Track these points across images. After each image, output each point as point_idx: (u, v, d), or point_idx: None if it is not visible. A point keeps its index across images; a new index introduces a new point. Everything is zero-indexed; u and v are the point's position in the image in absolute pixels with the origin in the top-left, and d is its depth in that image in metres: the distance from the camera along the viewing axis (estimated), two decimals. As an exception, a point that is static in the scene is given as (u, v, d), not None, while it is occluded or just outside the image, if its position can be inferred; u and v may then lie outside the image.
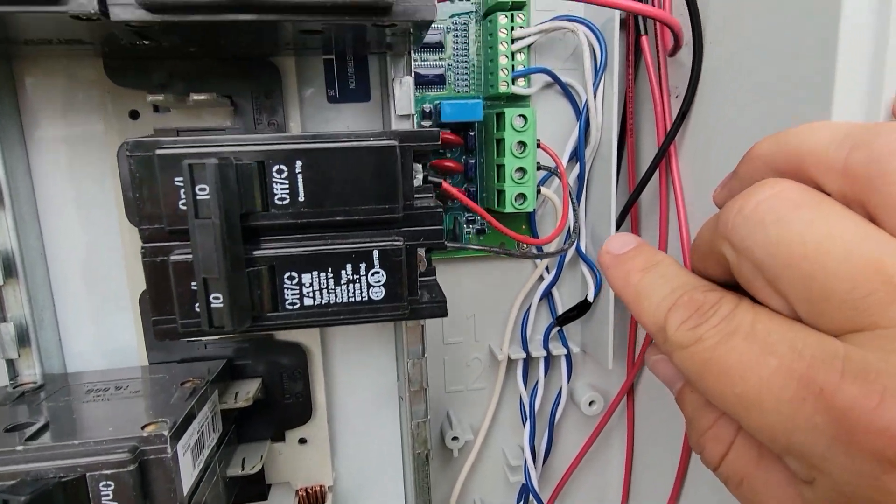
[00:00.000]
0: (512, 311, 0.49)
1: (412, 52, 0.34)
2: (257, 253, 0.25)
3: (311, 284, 0.25)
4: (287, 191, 0.25)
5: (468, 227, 0.46)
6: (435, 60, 0.44)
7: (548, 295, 0.49)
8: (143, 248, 0.25)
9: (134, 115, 0.36)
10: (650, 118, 0.43)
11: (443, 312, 0.28)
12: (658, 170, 0.42)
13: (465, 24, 0.44)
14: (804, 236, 0.17)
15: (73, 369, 0.38)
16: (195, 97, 0.32)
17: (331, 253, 0.25)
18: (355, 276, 0.26)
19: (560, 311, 0.49)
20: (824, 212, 0.18)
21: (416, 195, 0.27)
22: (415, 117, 0.36)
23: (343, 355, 0.45)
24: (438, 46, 0.43)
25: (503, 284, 0.49)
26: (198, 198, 0.22)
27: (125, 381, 0.33)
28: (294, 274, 0.25)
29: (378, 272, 0.26)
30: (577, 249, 0.47)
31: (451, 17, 0.43)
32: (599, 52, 0.43)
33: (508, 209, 0.42)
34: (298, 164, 0.25)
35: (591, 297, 0.46)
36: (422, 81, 0.43)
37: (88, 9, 0.22)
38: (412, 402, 0.37)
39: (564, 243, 0.43)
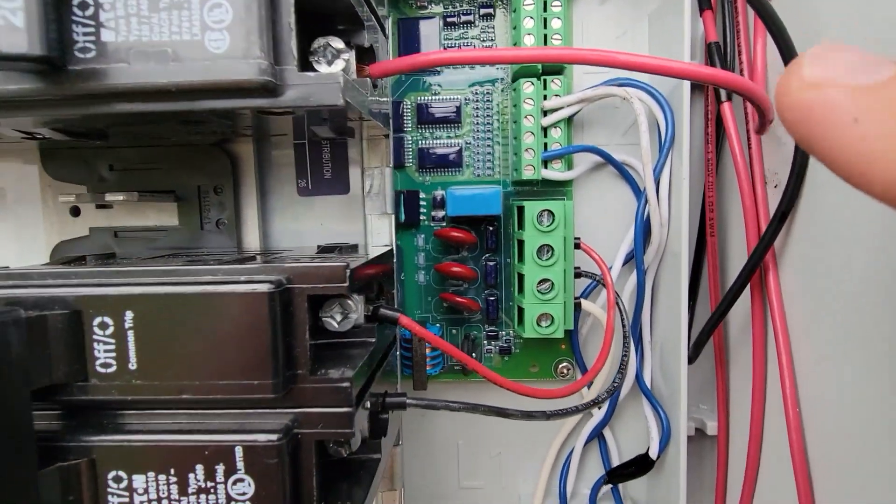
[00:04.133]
0: (549, 452, 0.37)
1: (391, 135, 0.25)
2: (71, 441, 0.17)
3: (147, 491, 0.17)
4: (112, 354, 0.17)
5: (489, 343, 0.36)
6: (449, 137, 0.35)
7: (598, 436, 0.37)
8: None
9: (75, 211, 0.31)
10: (738, 213, 0.31)
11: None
12: (749, 285, 0.29)
13: (488, 93, 0.35)
14: None
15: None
16: (109, 197, 0.26)
17: (174, 447, 0.17)
18: (209, 484, 0.17)
19: (614, 460, 0.37)
20: None
21: (320, 365, 0.18)
22: (393, 217, 0.27)
23: None
24: (453, 121, 0.35)
25: (539, 417, 0.37)
26: (-37, 370, 0.15)
27: None
28: (122, 474, 0.17)
29: (243, 479, 0.17)
30: (639, 381, 0.35)
31: (471, 85, 0.35)
32: (665, 125, 0.32)
33: (529, 333, 0.31)
34: (129, 315, 0.17)
35: (654, 452, 0.34)
36: (432, 163, 0.35)
37: None
38: None
39: (614, 381, 0.31)
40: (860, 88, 0.11)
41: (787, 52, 0.25)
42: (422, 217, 0.35)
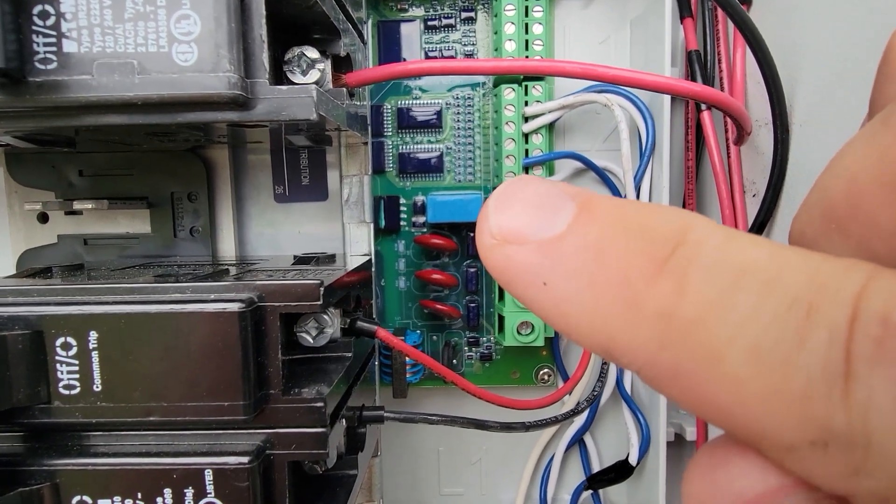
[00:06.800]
0: (530, 458, 0.37)
1: (369, 143, 0.25)
2: (33, 465, 0.17)
3: (113, 515, 0.17)
4: (76, 376, 0.17)
5: (470, 349, 0.36)
6: (430, 142, 0.35)
7: (579, 441, 0.37)
8: None
9: (43, 217, 0.30)
10: (717, 221, 0.31)
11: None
12: (725, 298, 0.29)
13: (468, 98, 0.34)
14: None
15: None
16: (78, 205, 0.25)
17: (141, 470, 0.17)
18: (177, 508, 0.17)
19: (595, 466, 0.37)
20: None
21: (293, 385, 0.18)
22: (372, 226, 0.27)
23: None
24: (434, 126, 0.34)
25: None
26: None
27: None
28: (86, 499, 0.17)
29: (213, 503, 0.17)
30: (619, 387, 0.35)
31: (451, 89, 0.34)
32: (645, 132, 0.32)
33: (509, 341, 0.31)
34: (93, 336, 0.16)
35: (633, 458, 0.34)
36: (413, 168, 0.35)
37: None
38: None
39: (594, 389, 0.31)
40: (542, 246, 0.10)
41: (765, 63, 0.25)
42: (402, 223, 0.35)
